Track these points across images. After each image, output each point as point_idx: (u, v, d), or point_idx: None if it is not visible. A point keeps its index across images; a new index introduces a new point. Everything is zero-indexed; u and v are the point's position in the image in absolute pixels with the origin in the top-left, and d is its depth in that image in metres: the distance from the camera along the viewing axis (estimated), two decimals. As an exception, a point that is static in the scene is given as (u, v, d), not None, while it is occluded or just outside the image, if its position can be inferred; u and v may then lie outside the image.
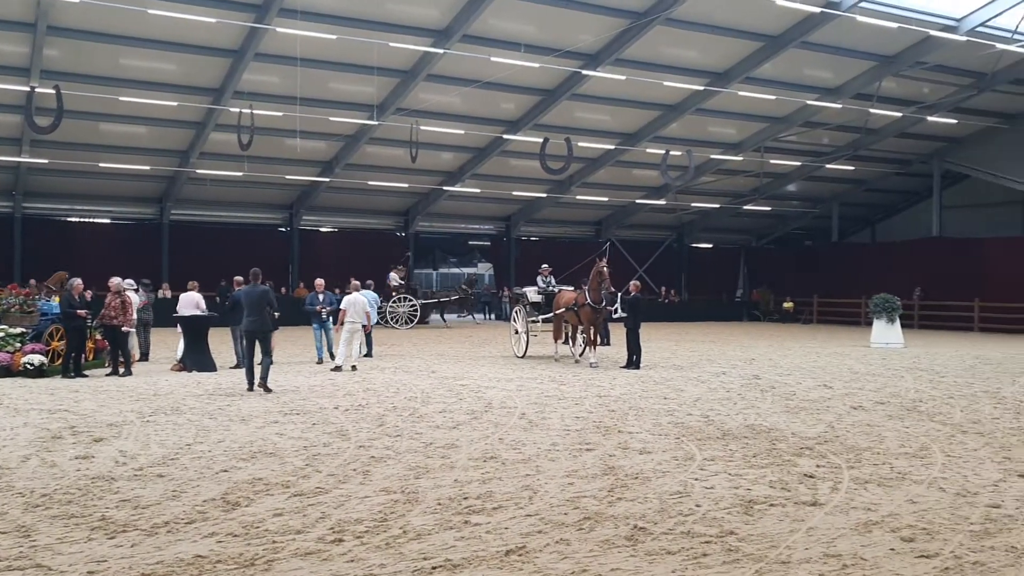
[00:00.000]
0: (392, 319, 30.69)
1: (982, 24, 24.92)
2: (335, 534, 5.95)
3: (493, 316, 39.72)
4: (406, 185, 32.99)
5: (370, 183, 31.97)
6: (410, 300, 31.23)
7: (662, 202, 37.02)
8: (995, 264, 32.78)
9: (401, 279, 31.69)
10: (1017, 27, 25.05)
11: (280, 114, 25.18)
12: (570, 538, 5.87)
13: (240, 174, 28.61)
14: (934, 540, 5.92)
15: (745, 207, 38.68)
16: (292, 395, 12.95)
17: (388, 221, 37.24)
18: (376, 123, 26.73)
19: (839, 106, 29.15)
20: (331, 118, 26.37)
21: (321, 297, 17.99)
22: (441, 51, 23.41)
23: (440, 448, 8.92)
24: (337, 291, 19.26)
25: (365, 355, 18.48)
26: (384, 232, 37.30)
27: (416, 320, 31.09)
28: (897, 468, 8.16)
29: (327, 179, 31.42)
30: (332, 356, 17.38)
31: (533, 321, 19.90)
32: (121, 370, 15.41)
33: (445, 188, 33.73)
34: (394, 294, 31.09)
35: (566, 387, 14.08)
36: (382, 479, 7.55)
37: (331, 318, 17.70)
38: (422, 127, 26.46)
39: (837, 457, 8.63)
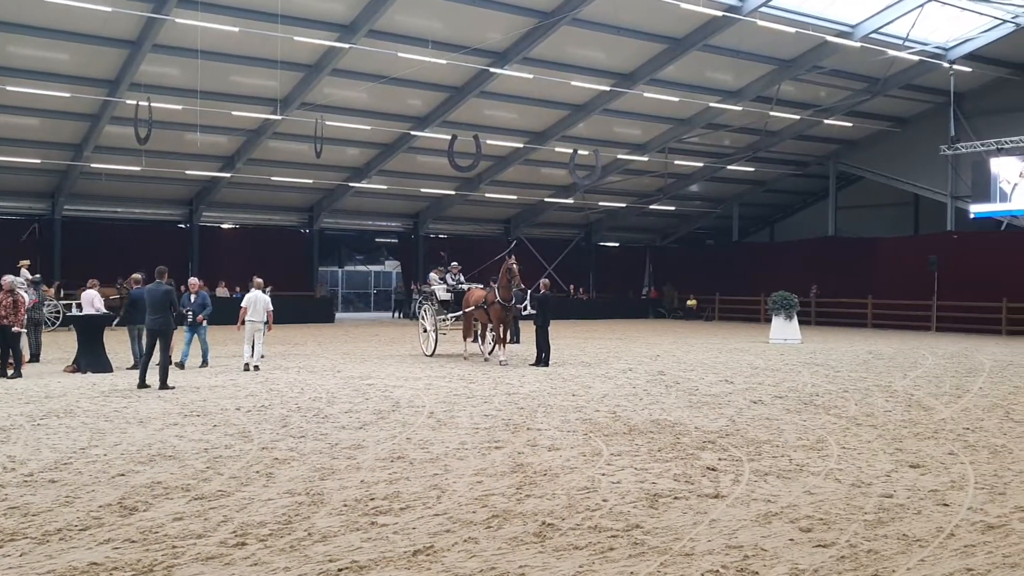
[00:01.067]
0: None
1: (875, 31, 25.90)
2: (238, 537, 5.80)
3: (399, 315, 39.44)
4: (311, 181, 32.45)
5: (273, 179, 31.33)
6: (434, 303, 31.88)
7: (570, 201, 37.37)
8: (887, 262, 34.17)
9: (440, 279, 31.92)
10: (908, 34, 26.13)
11: (180, 107, 24.43)
12: (478, 536, 5.87)
13: (138, 169, 27.62)
14: (831, 530, 6.10)
15: (651, 207, 39.36)
16: (192, 396, 12.58)
17: (292, 218, 36.56)
18: (280, 118, 26.20)
19: (740, 108, 29.92)
20: (233, 112, 25.71)
21: (193, 298, 16.81)
22: (347, 46, 23.09)
23: (346, 449, 8.79)
24: (239, 289, 18.72)
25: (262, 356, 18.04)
26: (288, 229, 36.62)
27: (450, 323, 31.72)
28: (795, 460, 8.41)
29: (228, 174, 30.64)
30: (205, 362, 16.66)
31: (442, 319, 19.82)
32: (10, 372, 14.72)
33: (351, 184, 33.30)
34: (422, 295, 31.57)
35: (475, 385, 14.06)
36: (286, 481, 7.39)
37: (197, 320, 16.54)
38: (327, 122, 26.04)
39: (738, 450, 8.84)
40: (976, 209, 30.37)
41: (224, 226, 35.57)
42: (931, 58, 28.15)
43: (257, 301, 16.36)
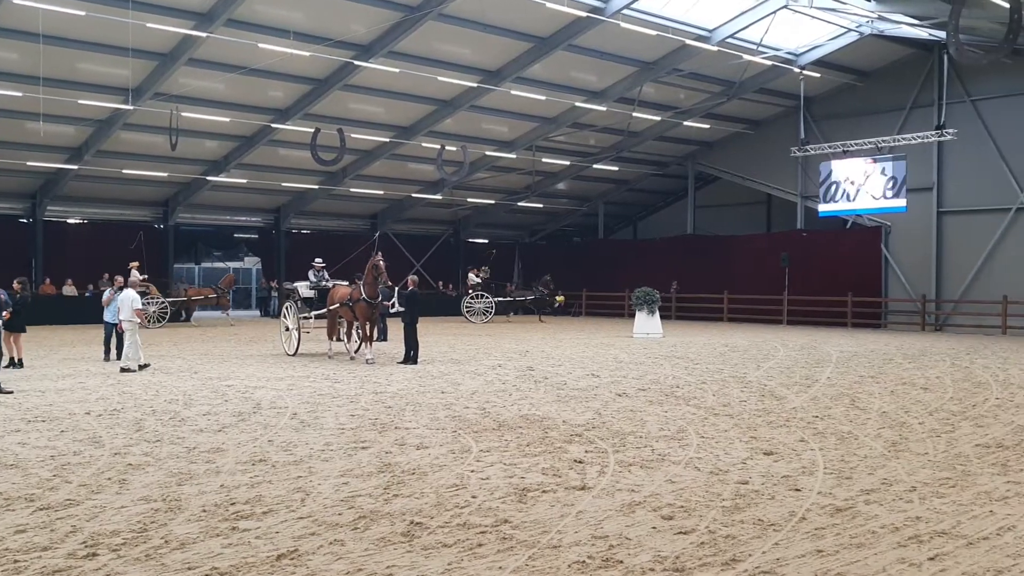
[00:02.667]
0: (469, 314, 33.21)
1: (731, 36, 26.90)
2: (88, 548, 5.48)
3: (260, 312, 38.34)
4: (165, 174, 31.09)
5: (125, 171, 29.82)
6: (486, 297, 33.46)
7: (438, 197, 37.24)
8: (742, 259, 35.64)
9: (479, 278, 33.93)
10: (761, 40, 27.27)
11: (20, 95, 22.93)
12: (345, 538, 5.77)
13: (-29, 159, 25.81)
14: (691, 517, 6.28)
15: (519, 204, 39.69)
16: (37, 400, 11.82)
17: (145, 212, 34.89)
18: (131, 108, 24.96)
19: (604, 109, 30.52)
20: (80, 101, 24.31)
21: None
22: (204, 35, 22.20)
23: (205, 452, 8.46)
24: (92, 287, 17.71)
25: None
26: (140, 224, 34.95)
27: (490, 316, 33.44)
28: (658, 450, 8.63)
29: (76, 167, 28.95)
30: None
31: (305, 318, 19.36)
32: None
33: (208, 178, 32.09)
34: (471, 291, 33.69)
35: (341, 385, 13.81)
36: (141, 487, 7.05)
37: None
38: (183, 113, 25.01)
39: (604, 442, 9.00)
40: (823, 208, 32.06)
41: (71, 221, 33.63)
42: (783, 63, 29.51)
43: (126, 300, 15.79)
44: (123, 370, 15.34)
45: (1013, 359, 18.88)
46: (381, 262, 17.23)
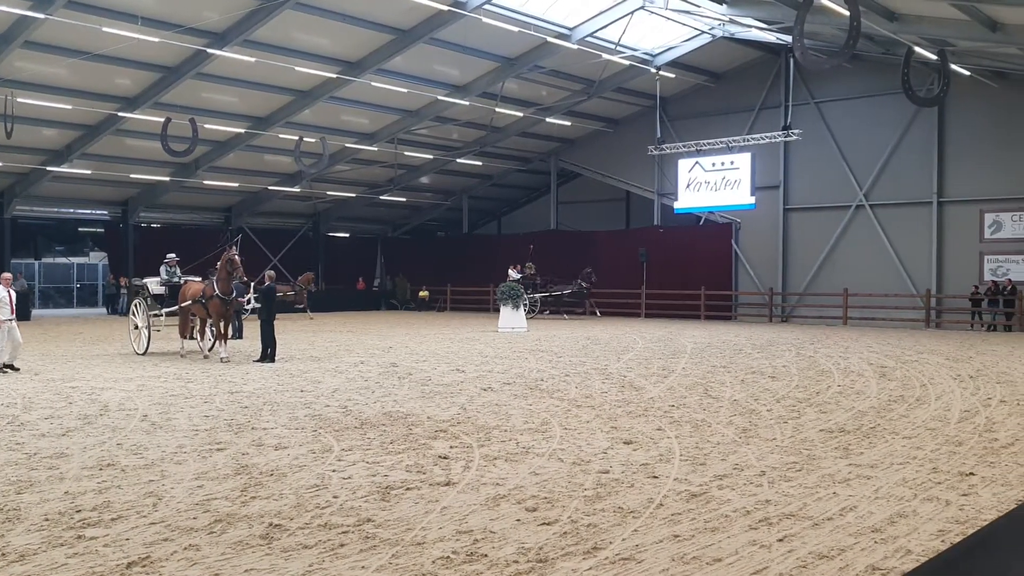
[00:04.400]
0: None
1: (591, 35, 27.42)
2: (-91, 569, 5.04)
3: (107, 310, 36.50)
4: (0, 164, 29.16)
5: (-45, 161, 27.83)
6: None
7: (297, 190, 36.40)
8: (603, 254, 36.45)
9: (519, 273, 32.32)
10: (620, 40, 27.92)
11: None
12: (200, 543, 5.55)
13: None
14: (554, 507, 6.35)
15: (381, 197, 39.28)
16: None
17: (-22, 205, 32.66)
18: (-41, 92, 23.27)
19: (467, 103, 30.56)
20: (-99, 84, 22.51)
21: None
22: (41, 16, 20.88)
23: (47, 458, 7.95)
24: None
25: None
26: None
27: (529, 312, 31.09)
28: (522, 443, 8.69)
29: None
30: None
31: (156, 315, 18.51)
32: None
33: (49, 168, 30.25)
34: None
35: (194, 385, 13.27)
36: (-30, 500, 6.54)
37: None
38: (19, 99, 23.47)
39: (469, 437, 9.00)
40: (678, 205, 33.17)
41: None
42: (640, 63, 30.32)
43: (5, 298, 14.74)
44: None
45: (853, 348, 20.06)
46: (236, 256, 16.68)
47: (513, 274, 32.49)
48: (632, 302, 34.72)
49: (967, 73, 26.29)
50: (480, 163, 37.71)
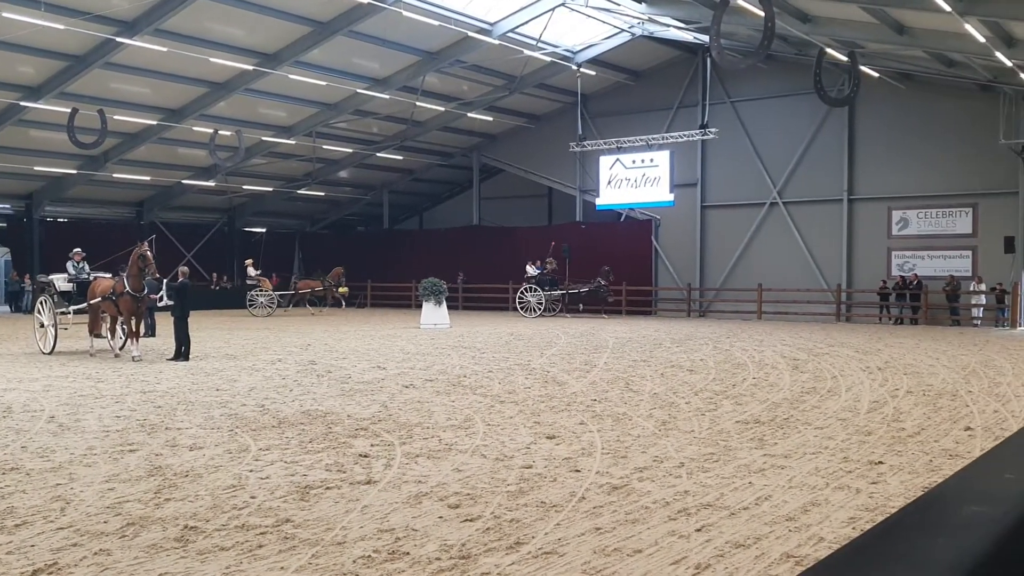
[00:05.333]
0: (522, 308, 31.46)
1: (512, 30, 27.47)
2: None
3: (10, 308, 35.10)
4: None
5: None
6: (536, 291, 30.92)
7: (211, 183, 35.57)
8: (526, 250, 36.51)
9: (539, 269, 31.65)
10: (541, 36, 28.03)
11: None
12: (111, 547, 5.36)
13: None
14: (477, 504, 6.33)
15: (299, 191, 38.67)
16: None
17: None
18: None
19: (387, 97, 30.29)
20: None
21: None
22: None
23: (-57, 464, 7.59)
24: None
25: None
26: None
27: (542, 310, 31.17)
28: (445, 440, 8.65)
29: None
30: None
31: (63, 313, 17.85)
32: None
33: (-55, 160, 29.00)
34: (525, 284, 31.79)
35: (104, 384, 12.85)
36: None
37: None
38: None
39: (390, 435, 8.92)
40: (600, 202, 33.50)
41: None
42: (561, 60, 30.50)
43: None
44: None
45: (767, 341, 20.57)
46: (148, 252, 16.21)
47: (531, 270, 31.85)
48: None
49: (876, 74, 27.22)
50: (401, 157, 37.45)
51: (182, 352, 16.15)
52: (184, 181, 35.52)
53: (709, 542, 5.49)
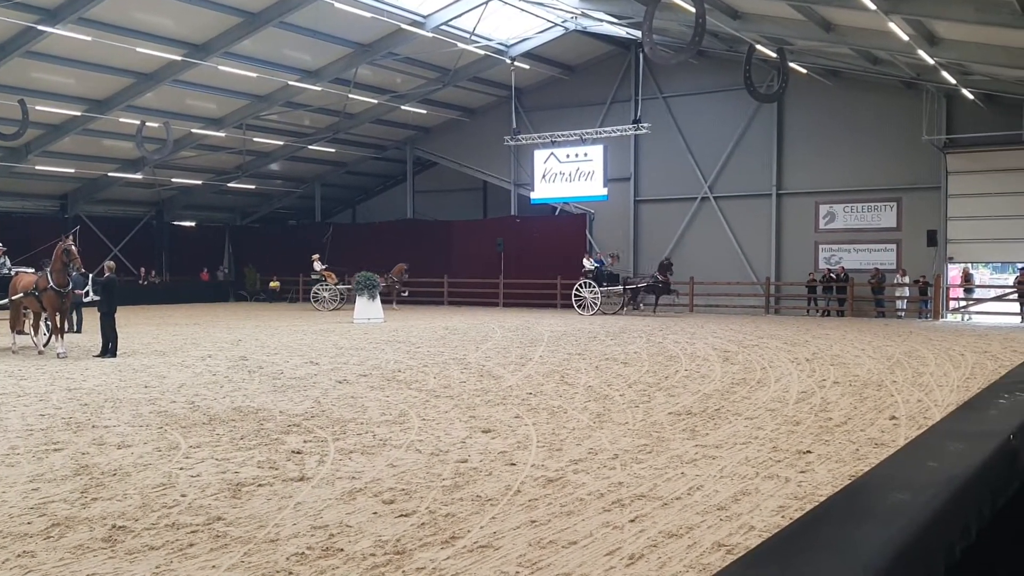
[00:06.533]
0: (578, 305, 29.59)
1: (445, 23, 27.34)
2: None
3: None
4: None
5: None
6: (592, 287, 29.04)
7: (139, 176, 34.69)
8: (461, 244, 36.52)
9: (596, 263, 29.74)
10: (474, 29, 27.96)
11: None
12: (35, 549, 5.23)
13: None
14: (412, 499, 6.31)
15: (229, 184, 37.97)
16: None
17: None
18: None
19: (319, 89, 29.90)
20: None
21: None
22: None
23: None
24: None
25: None
26: None
27: (598, 306, 29.22)
28: (379, 435, 8.60)
29: None
30: None
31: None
32: None
33: None
34: (581, 279, 29.81)
35: (28, 382, 12.46)
36: None
37: None
38: None
39: (324, 431, 8.83)
40: (535, 196, 33.60)
41: None
42: (495, 54, 30.47)
43: None
44: None
45: (699, 334, 20.89)
46: (72, 246, 15.76)
47: (588, 264, 29.56)
48: (490, 291, 34.94)
49: (804, 71, 27.81)
50: (333, 150, 37.03)
51: (109, 349, 15.76)
52: (110, 174, 34.58)
53: (642, 532, 5.56)
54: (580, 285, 29.66)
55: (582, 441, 8.33)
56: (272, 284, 38.99)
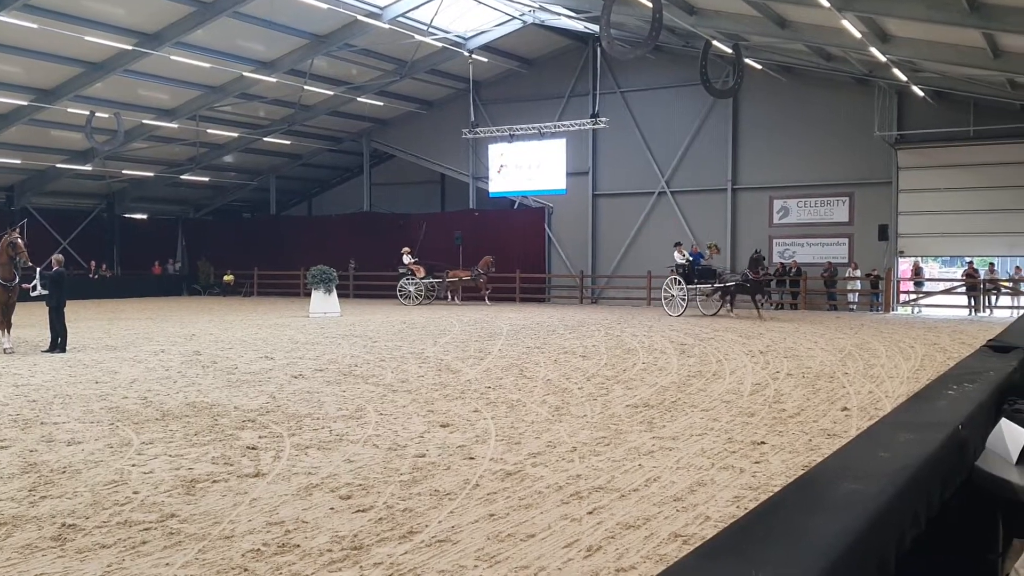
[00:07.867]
0: (666, 303, 26.67)
1: (402, 15, 27.13)
2: None
3: None
4: None
5: None
6: (681, 284, 26.12)
7: (88, 168, 34.01)
8: (419, 237, 36.31)
9: (688, 257, 26.62)
10: (432, 21, 27.80)
11: None
12: (-19, 550, 5.09)
13: None
14: (369, 494, 6.27)
15: (182, 176, 37.39)
16: None
17: None
18: None
19: (274, 80, 29.54)
20: None
21: None
22: None
23: None
24: None
25: None
26: None
27: (685, 306, 25.87)
28: (335, 431, 8.53)
29: None
30: None
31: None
32: None
33: None
34: (672, 276, 26.66)
35: (-27, 377, 12.18)
36: None
37: None
38: None
39: (279, 426, 8.74)
40: (493, 189, 33.57)
41: None
42: (452, 46, 30.34)
43: None
44: None
45: (656, 327, 21.05)
46: (19, 239, 15.42)
47: (678, 257, 26.24)
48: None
49: (759, 67, 28.09)
50: (289, 142, 36.63)
51: (58, 344, 15.46)
52: (59, 165, 33.86)
53: (600, 524, 5.59)
54: (670, 281, 26.40)
55: (540, 434, 8.35)
56: (226, 278, 38.50)
